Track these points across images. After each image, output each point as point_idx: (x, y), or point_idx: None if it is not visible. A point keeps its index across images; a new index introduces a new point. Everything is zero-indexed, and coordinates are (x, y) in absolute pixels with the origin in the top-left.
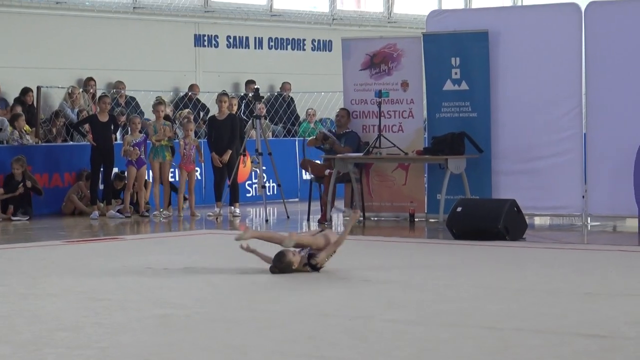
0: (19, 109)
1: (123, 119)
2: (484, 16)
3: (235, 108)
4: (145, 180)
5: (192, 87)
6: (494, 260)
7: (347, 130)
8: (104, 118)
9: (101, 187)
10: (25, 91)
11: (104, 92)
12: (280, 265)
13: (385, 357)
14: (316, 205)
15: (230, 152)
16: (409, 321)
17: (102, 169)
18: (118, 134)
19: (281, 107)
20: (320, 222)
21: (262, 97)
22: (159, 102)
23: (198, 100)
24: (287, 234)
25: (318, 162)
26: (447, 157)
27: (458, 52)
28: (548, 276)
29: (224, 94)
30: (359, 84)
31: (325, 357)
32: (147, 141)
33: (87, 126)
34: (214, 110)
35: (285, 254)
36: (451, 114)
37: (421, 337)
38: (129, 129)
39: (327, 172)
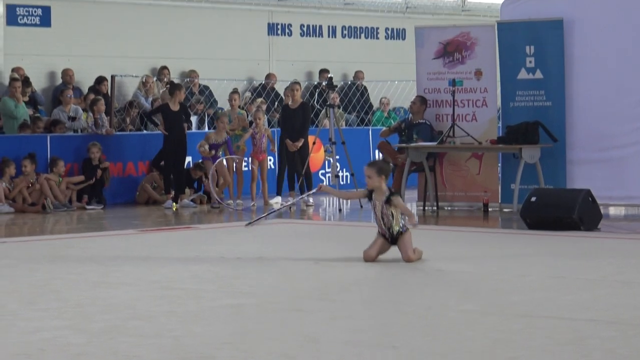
0: (91, 98)
1: (201, 107)
2: (558, 4)
3: (297, 94)
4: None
5: (269, 76)
6: (568, 251)
7: (421, 121)
8: (176, 107)
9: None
10: (100, 80)
11: (172, 80)
12: (377, 163)
13: (459, 348)
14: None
15: (302, 140)
16: (483, 312)
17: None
18: (194, 122)
19: (354, 96)
20: None
21: (336, 86)
22: (233, 91)
23: (272, 89)
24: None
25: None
26: (521, 147)
27: (532, 40)
28: (622, 267)
29: (295, 82)
30: (433, 72)
31: (397, 348)
32: (229, 145)
33: (159, 116)
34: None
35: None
36: (525, 102)
37: (494, 327)
38: (216, 126)
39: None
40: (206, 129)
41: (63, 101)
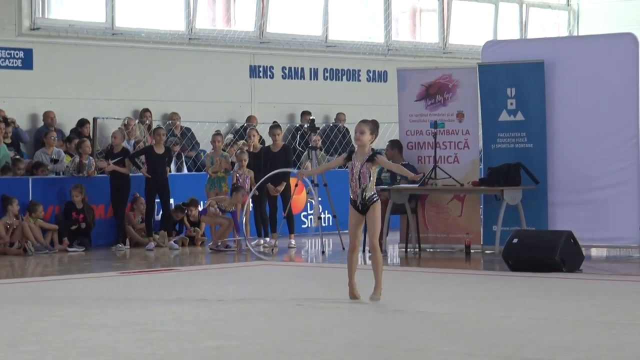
0: (75, 141)
1: (177, 148)
2: (539, 46)
3: (279, 138)
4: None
5: (249, 119)
6: (550, 292)
7: (403, 163)
8: (160, 150)
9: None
10: (82, 123)
11: (159, 125)
12: (372, 121)
13: None
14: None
15: (285, 183)
16: (465, 353)
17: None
18: (172, 165)
19: (336, 138)
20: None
21: (318, 128)
22: (216, 133)
23: (256, 130)
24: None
25: None
26: (503, 188)
27: (514, 82)
28: (605, 308)
29: (276, 126)
30: (415, 114)
31: None
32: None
33: (142, 157)
34: (268, 141)
35: None
36: (507, 144)
37: None
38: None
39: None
40: (185, 171)
41: (46, 143)
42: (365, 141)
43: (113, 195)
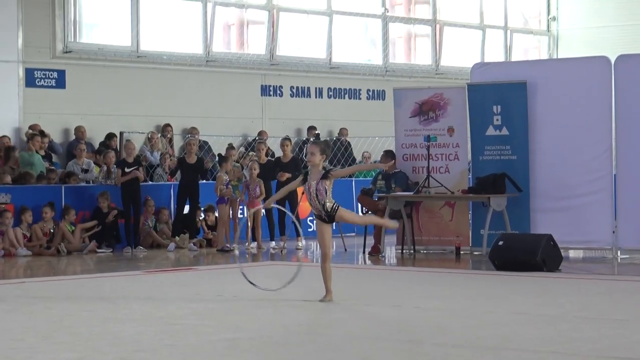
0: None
1: (207, 163)
2: (522, 68)
3: (288, 149)
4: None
5: (261, 133)
6: (532, 290)
7: (396, 170)
8: (192, 160)
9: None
10: (110, 136)
11: (189, 136)
12: (321, 143)
13: None
14: (371, 240)
15: (289, 175)
16: (455, 345)
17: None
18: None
19: (339, 151)
20: (372, 253)
21: None
22: (230, 147)
23: (265, 144)
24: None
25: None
26: (489, 196)
27: (499, 100)
28: (581, 304)
29: (287, 138)
30: (409, 129)
31: None
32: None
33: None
34: (278, 153)
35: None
36: (493, 156)
37: (466, 359)
38: (220, 169)
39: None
40: (203, 181)
41: (77, 155)
42: (316, 161)
43: (125, 201)
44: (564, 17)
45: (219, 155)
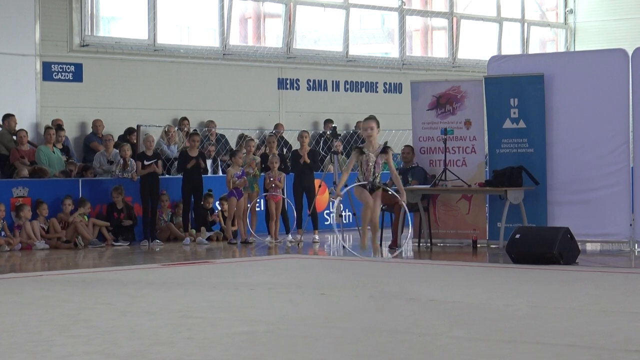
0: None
1: (213, 149)
2: (539, 61)
3: (306, 141)
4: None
5: (277, 126)
6: (549, 283)
7: (413, 165)
8: (194, 153)
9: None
10: (130, 131)
11: (194, 130)
12: (374, 117)
13: None
14: (388, 232)
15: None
16: (472, 338)
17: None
18: (209, 167)
19: (356, 144)
20: (391, 247)
21: (339, 135)
22: (250, 139)
23: (281, 137)
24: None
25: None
26: (506, 189)
27: (516, 93)
28: (598, 297)
29: (304, 131)
30: (426, 122)
31: None
32: (244, 174)
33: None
34: (295, 146)
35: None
36: (510, 149)
37: (483, 352)
38: (232, 162)
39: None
40: (220, 173)
41: (105, 146)
42: (375, 134)
43: (143, 194)
44: (581, 10)
45: (230, 149)
